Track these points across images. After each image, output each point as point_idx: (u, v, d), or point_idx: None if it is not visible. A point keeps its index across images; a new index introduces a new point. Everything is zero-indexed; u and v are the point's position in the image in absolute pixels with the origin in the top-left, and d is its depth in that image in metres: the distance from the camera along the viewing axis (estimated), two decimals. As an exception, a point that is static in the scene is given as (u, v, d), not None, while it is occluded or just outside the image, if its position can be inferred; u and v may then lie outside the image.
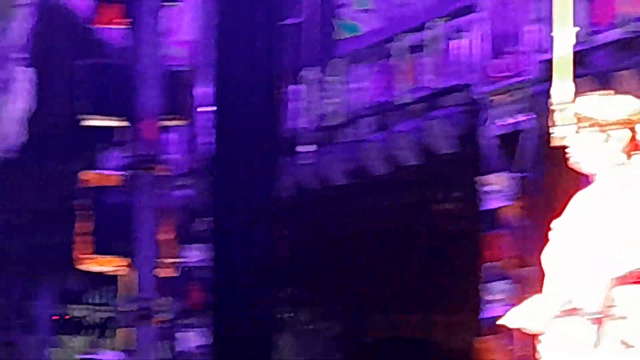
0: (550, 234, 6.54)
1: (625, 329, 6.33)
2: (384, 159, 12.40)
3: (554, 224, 6.69)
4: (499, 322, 10.35)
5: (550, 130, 9.29)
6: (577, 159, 6.50)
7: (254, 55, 5.75)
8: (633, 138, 6.31)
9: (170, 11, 7.14)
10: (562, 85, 9.09)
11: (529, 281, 10.81)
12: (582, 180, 6.82)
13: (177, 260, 9.65)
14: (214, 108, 11.25)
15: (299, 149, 11.97)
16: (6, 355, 19.26)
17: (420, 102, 12.21)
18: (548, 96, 9.28)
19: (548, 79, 9.78)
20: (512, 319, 6.88)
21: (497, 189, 11.15)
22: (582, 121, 6.37)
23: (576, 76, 9.56)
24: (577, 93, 9.97)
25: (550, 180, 11.16)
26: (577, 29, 9.84)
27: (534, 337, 8.10)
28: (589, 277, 6.39)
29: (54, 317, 20.46)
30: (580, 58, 10.40)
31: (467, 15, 11.68)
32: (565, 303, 6.42)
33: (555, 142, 9.07)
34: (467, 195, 11.59)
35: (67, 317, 21.60)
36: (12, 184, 17.12)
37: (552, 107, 8.91)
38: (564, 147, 7.32)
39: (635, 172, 6.39)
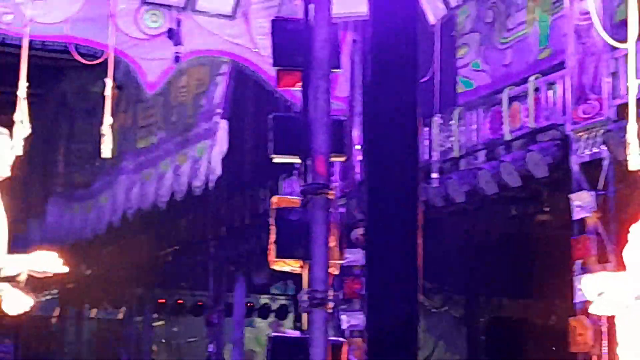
0: (630, 236, 6.46)
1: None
2: (494, 182, 12.27)
3: (633, 228, 6.61)
4: (589, 307, 10.26)
5: (626, 158, 9.18)
6: None
7: (396, 106, 5.77)
8: None
9: (334, 75, 7.17)
10: (633, 123, 8.97)
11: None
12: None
13: (340, 261, 9.63)
14: (364, 147, 11.28)
15: (432, 176, 11.87)
16: (211, 333, 19.39)
17: (522, 138, 12.07)
18: (624, 132, 9.13)
19: (623, 118, 9.66)
20: (598, 306, 6.78)
21: (582, 204, 11.02)
22: None
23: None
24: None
25: (624, 197, 11.05)
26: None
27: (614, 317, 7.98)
28: None
29: (247, 304, 20.54)
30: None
31: (558, 71, 11.51)
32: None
33: (631, 167, 8.96)
34: (560, 209, 11.41)
35: (250, 304, 21.66)
36: (214, 206, 17.25)
37: (627, 141, 8.81)
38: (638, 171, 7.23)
39: None
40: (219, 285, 19.20)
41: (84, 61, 12.28)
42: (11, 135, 7.89)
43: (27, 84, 10.23)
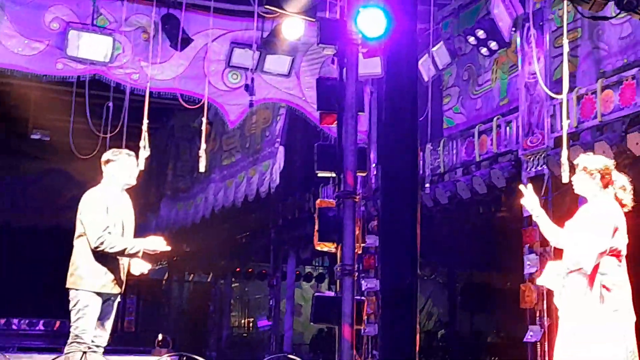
0: (564, 228, 6.43)
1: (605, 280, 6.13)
2: (468, 190, 12.19)
3: (567, 223, 6.55)
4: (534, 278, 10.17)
5: (560, 174, 9.12)
6: (577, 189, 6.33)
7: (401, 136, 5.72)
8: (603, 177, 6.18)
9: (359, 116, 7.16)
10: (565, 150, 8.92)
11: (549, 255, 10.75)
12: (580, 200, 6.69)
13: (362, 244, 9.58)
14: (378, 165, 11.29)
15: (425, 185, 11.89)
16: (272, 292, 19.37)
17: (488, 160, 11.99)
18: (559, 156, 9.05)
19: (559, 147, 9.61)
20: (540, 279, 6.73)
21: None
22: (578, 167, 6.24)
23: (570, 145, 9.38)
24: (573, 155, 9.79)
25: (558, 201, 11.00)
26: (569, 120, 9.66)
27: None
28: (581, 249, 6.23)
29: (296, 272, 20.50)
30: (573, 135, 10.22)
31: (513, 113, 11.49)
32: (570, 266, 6.23)
33: (564, 180, 8.88)
34: (514, 209, 11.31)
35: (298, 272, 21.63)
36: (274, 205, 17.23)
37: (561, 162, 8.80)
38: (570, 183, 7.10)
39: (609, 196, 6.23)
40: (277, 259, 19.22)
41: (187, 105, 12.33)
42: (137, 157, 7.95)
43: (147, 121, 10.31)
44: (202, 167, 10.93)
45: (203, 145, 10.73)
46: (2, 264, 19.96)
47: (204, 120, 11.04)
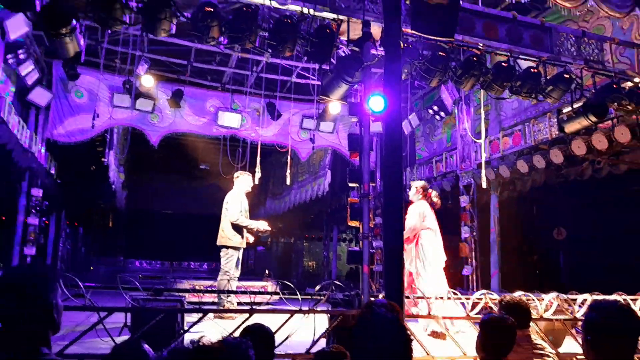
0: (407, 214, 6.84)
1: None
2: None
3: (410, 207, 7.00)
4: (465, 238, 9.81)
5: (481, 183, 8.91)
6: (410, 197, 6.69)
7: (393, 163, 5.60)
8: (418, 191, 6.50)
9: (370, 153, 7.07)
10: (483, 170, 8.74)
11: (475, 228, 10.55)
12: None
13: (373, 222, 9.54)
14: (381, 180, 11.19)
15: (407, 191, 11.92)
16: (325, 248, 19.15)
17: (441, 176, 11.74)
18: (480, 173, 8.83)
19: (479, 168, 9.40)
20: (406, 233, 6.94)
21: (464, 200, 10.71)
22: (412, 187, 6.46)
23: (486, 167, 9.16)
24: (487, 172, 9.53)
25: (479, 199, 10.79)
26: (485, 154, 9.43)
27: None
28: (407, 226, 6.43)
29: (337, 237, 20.28)
30: (487, 163, 9.98)
31: (454, 150, 11.23)
32: (405, 234, 6.51)
33: (484, 186, 8.64)
34: (455, 201, 11.00)
35: (338, 237, 21.31)
36: (326, 202, 16.98)
37: (482, 176, 8.65)
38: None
39: (423, 201, 6.46)
40: (327, 230, 19.15)
41: (279, 149, 12.39)
42: (253, 177, 7.99)
43: (259, 158, 10.38)
44: (288, 182, 11.00)
45: (288, 170, 10.79)
46: (201, 237, 20.00)
47: (289, 157, 11.09)
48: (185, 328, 4.54)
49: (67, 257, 17.05)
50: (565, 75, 6.49)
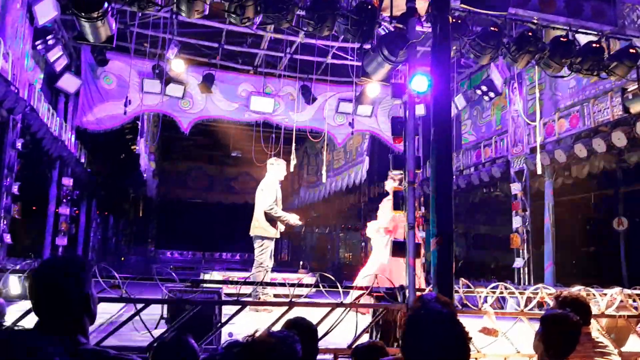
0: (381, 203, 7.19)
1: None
2: (478, 178, 11.80)
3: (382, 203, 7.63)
4: (517, 228, 9.64)
5: (535, 170, 8.71)
6: (387, 188, 6.92)
7: (443, 146, 5.48)
8: (397, 180, 6.70)
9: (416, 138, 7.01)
10: (538, 155, 8.53)
11: (527, 217, 10.36)
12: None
13: (419, 211, 9.45)
14: (431, 164, 11.05)
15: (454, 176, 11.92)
16: (363, 238, 19.17)
17: (490, 161, 11.59)
18: (534, 158, 8.63)
19: (533, 153, 9.20)
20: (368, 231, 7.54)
21: (515, 188, 10.53)
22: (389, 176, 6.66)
23: (540, 152, 8.94)
24: (542, 158, 9.31)
25: (533, 185, 10.58)
26: (539, 137, 9.21)
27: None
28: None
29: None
30: (541, 146, 9.73)
31: (505, 134, 11.03)
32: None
33: (538, 172, 8.41)
34: (506, 189, 10.78)
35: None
36: (364, 189, 16.96)
37: (536, 162, 8.48)
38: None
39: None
40: (364, 219, 19.01)
41: (312, 135, 12.41)
42: (288, 164, 8.04)
43: (294, 144, 10.42)
44: (323, 175, 11.07)
45: (324, 156, 10.79)
46: (233, 227, 20.13)
47: (325, 143, 11.08)
48: (222, 321, 4.62)
49: (98, 247, 17.58)
50: (630, 50, 6.22)
